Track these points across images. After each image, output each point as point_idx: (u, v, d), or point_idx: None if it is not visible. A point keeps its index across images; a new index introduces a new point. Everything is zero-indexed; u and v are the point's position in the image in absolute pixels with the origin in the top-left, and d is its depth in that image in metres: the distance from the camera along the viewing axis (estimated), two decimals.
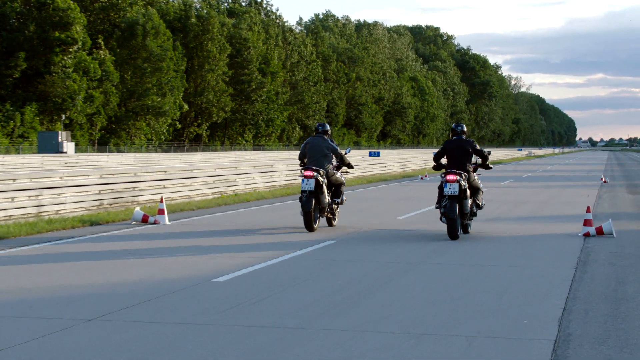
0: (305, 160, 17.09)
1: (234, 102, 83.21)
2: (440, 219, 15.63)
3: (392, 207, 22.48)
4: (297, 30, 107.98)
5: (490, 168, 16.68)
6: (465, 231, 16.14)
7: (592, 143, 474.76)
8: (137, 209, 18.21)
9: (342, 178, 17.53)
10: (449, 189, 15.12)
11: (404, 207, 22.67)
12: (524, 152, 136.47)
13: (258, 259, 12.64)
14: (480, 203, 16.12)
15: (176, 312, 8.91)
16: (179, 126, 78.40)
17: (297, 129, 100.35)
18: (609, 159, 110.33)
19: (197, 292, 10.04)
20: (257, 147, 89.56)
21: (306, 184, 16.31)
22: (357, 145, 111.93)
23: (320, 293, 9.99)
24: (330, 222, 17.49)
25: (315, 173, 16.46)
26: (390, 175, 45.16)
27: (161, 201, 18.09)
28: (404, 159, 56.42)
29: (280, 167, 33.22)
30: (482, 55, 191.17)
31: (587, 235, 15.94)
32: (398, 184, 35.85)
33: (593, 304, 9.50)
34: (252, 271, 11.57)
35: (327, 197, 16.75)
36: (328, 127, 17.43)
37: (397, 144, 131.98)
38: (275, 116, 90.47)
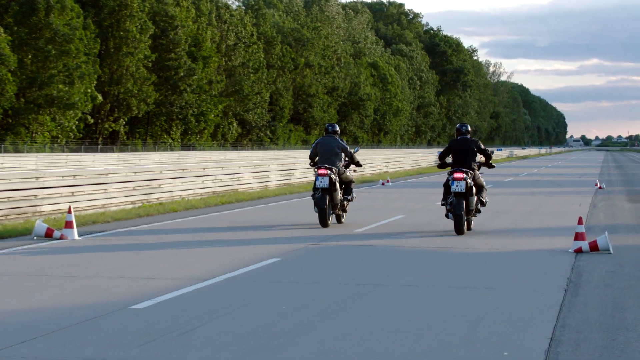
0: (317, 160, 20.72)
1: (158, 93, 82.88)
2: (446, 215, 18.90)
3: (347, 218, 22.52)
4: (234, 7, 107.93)
5: (493, 167, 20.14)
6: (469, 227, 19.33)
7: (585, 142, 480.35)
8: (39, 221, 18.05)
9: (352, 176, 21.36)
10: (456, 186, 18.36)
11: (362, 218, 22.76)
12: (505, 152, 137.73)
13: (186, 281, 12.59)
14: (484, 200, 19.64)
15: (86, 345, 8.83)
16: (91, 121, 77.88)
17: (235, 124, 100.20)
18: (605, 160, 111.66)
19: (112, 321, 9.96)
20: (187, 146, 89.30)
21: (321, 182, 19.95)
22: (305, 144, 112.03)
23: (259, 322, 9.97)
24: (339, 219, 21.21)
25: (328, 171, 20.09)
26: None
27: (69, 212, 17.95)
28: (362, 161, 56.69)
29: (214, 171, 33.13)
30: (454, 37, 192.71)
31: (578, 251, 16.08)
32: (355, 191, 35.87)
33: (586, 334, 9.59)
34: (178, 296, 11.52)
35: (339, 194, 20.51)
36: (337, 128, 21.26)
37: (354, 142, 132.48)
38: (208, 109, 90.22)
